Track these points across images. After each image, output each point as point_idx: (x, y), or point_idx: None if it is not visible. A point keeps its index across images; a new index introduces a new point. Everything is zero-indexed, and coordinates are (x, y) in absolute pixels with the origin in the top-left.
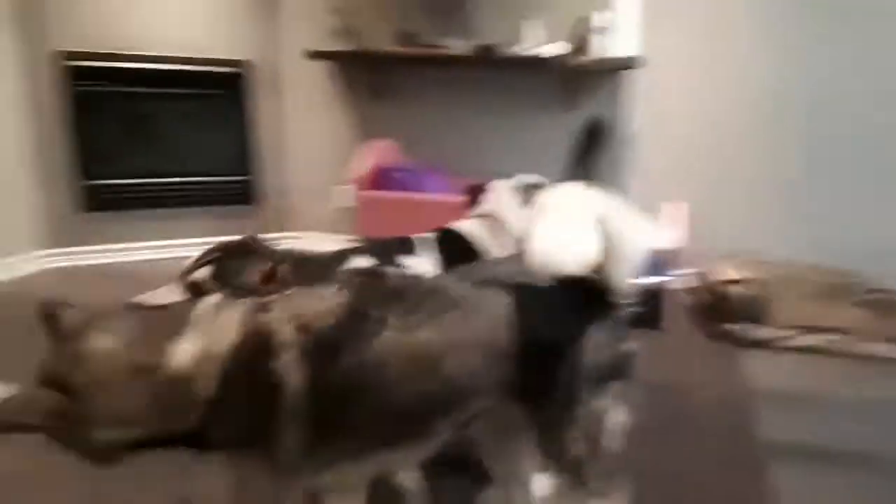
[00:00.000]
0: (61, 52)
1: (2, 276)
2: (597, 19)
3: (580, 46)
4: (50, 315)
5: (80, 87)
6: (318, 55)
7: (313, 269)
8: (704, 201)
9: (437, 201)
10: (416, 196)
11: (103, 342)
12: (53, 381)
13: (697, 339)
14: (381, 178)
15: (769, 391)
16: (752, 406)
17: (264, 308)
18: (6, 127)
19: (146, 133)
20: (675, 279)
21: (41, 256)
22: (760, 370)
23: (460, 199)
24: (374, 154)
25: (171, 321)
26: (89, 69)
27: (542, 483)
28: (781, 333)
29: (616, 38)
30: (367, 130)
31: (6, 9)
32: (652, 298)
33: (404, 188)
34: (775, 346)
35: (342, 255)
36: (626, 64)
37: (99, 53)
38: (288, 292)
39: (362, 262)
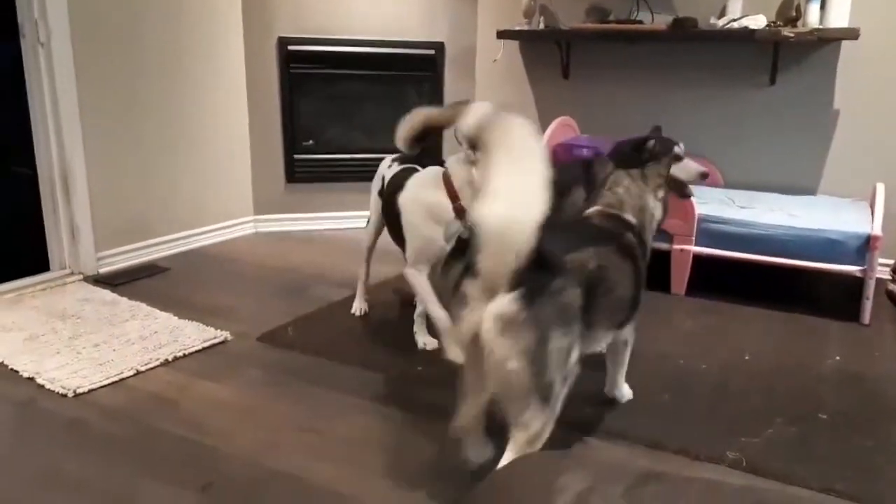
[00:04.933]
0: (281, 39)
1: (223, 237)
2: None
3: (792, 17)
4: None
5: (294, 70)
6: (506, 34)
7: None
8: None
9: None
10: None
11: None
12: None
13: None
14: (564, 154)
15: None
16: None
17: None
18: (236, 106)
19: (347, 111)
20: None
21: (253, 221)
22: None
23: None
24: (559, 131)
25: None
26: (303, 53)
27: None
28: None
29: (830, 10)
30: (556, 108)
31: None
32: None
33: None
34: None
35: None
36: (844, 35)
37: (310, 38)
38: None
39: None
